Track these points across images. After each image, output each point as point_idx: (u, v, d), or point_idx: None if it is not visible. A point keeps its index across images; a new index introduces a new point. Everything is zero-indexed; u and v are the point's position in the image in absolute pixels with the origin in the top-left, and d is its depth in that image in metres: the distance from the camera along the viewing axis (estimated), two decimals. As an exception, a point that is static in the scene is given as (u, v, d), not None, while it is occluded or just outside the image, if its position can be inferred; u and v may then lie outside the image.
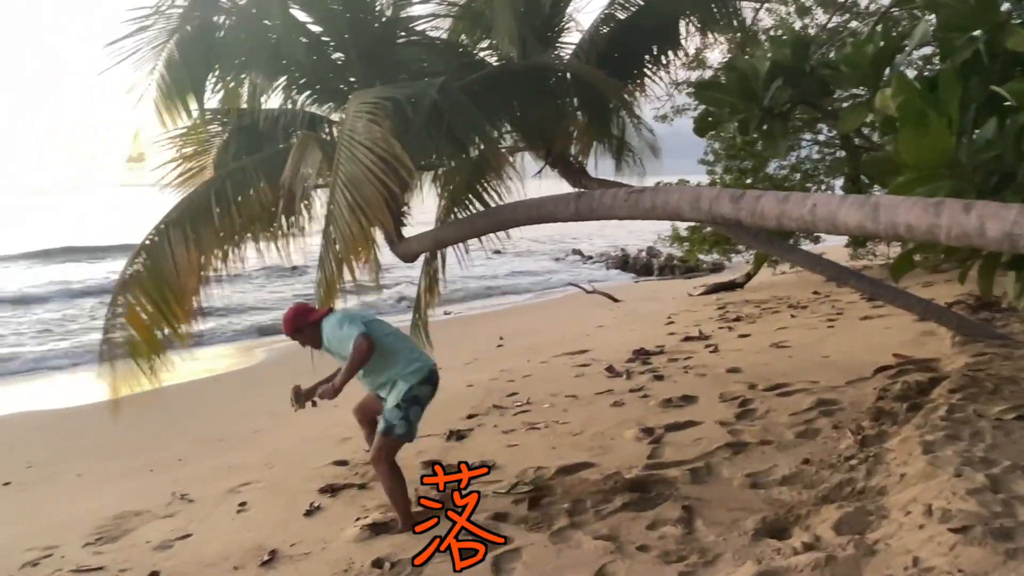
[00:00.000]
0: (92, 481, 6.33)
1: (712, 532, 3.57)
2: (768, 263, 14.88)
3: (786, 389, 6.12)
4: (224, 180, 5.46)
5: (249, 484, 5.37)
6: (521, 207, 5.37)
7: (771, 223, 3.55)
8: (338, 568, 3.68)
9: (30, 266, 27.97)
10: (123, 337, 5.30)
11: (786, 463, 4.40)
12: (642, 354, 8.47)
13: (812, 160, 13.96)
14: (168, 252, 5.20)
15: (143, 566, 4.05)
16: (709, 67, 12.75)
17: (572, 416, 6.13)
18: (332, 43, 6.08)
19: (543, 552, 3.58)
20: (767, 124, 4.77)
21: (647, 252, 25.48)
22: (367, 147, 4.29)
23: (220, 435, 7.37)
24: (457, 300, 17.58)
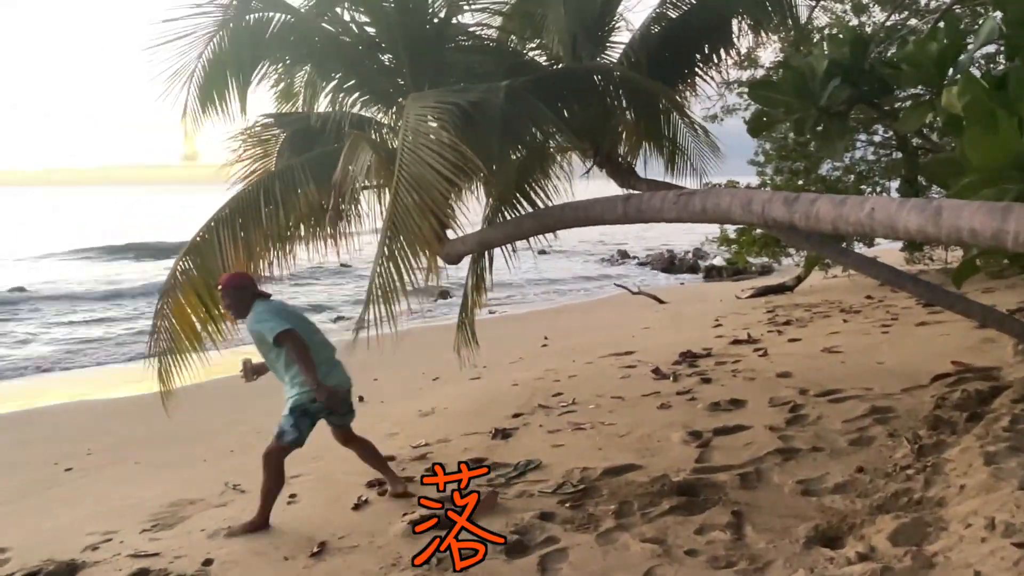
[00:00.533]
0: (149, 469, 6.53)
1: (762, 539, 3.52)
2: (819, 266, 14.58)
3: (839, 395, 5.99)
4: (273, 179, 5.58)
5: (298, 476, 5.47)
6: (568, 209, 5.35)
7: (827, 227, 3.47)
8: (386, 562, 3.73)
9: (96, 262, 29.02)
10: (170, 331, 5.46)
11: (839, 471, 4.31)
12: (689, 356, 8.37)
13: (867, 161, 13.64)
14: (217, 249, 5.33)
15: (197, 553, 4.15)
16: (761, 66, 12.55)
17: (618, 417, 6.10)
18: (383, 44, 6.16)
19: (590, 553, 3.57)
20: (823, 124, 4.66)
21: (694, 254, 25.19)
22: (434, 149, 4.33)
23: (269, 428, 7.51)
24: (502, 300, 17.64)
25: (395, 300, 4.53)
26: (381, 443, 6.13)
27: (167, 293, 5.36)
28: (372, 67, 6.10)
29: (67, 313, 18.61)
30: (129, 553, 4.28)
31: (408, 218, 4.20)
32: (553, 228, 5.70)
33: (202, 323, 5.44)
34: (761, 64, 12.61)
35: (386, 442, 6.17)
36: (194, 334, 5.37)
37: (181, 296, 5.30)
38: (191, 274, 5.26)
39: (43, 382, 11.93)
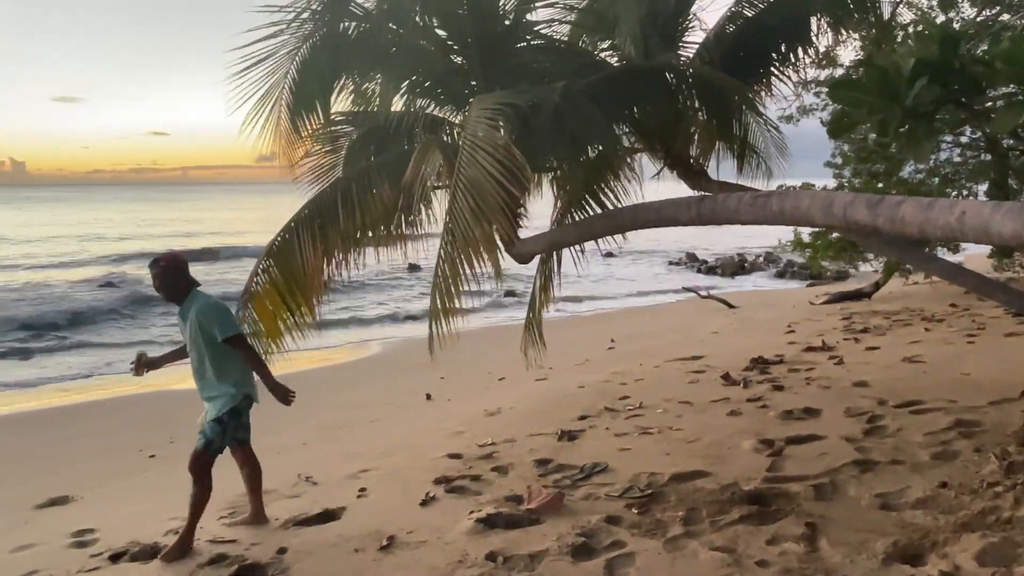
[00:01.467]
0: (225, 459, 6.74)
1: (838, 552, 3.41)
2: (899, 272, 14.02)
3: (920, 407, 5.76)
4: (350, 182, 5.71)
5: (368, 471, 5.58)
6: (640, 210, 5.29)
7: (912, 231, 3.33)
8: (452, 559, 3.77)
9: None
10: (253, 328, 5.65)
11: (920, 485, 4.14)
12: (760, 363, 8.18)
13: (953, 164, 13.03)
14: (297, 249, 5.48)
15: (271, 542, 4.29)
16: (840, 65, 12.15)
17: (686, 423, 6.01)
18: (456, 47, 6.23)
19: (657, 559, 3.53)
20: (909, 125, 4.48)
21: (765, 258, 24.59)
22: (489, 152, 4.36)
23: (341, 423, 7.71)
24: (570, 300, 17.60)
25: (455, 302, 4.56)
26: (447, 441, 6.23)
27: (249, 291, 5.55)
28: (445, 69, 6.18)
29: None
30: (208, 539, 4.45)
31: (463, 222, 4.23)
32: (624, 229, 5.65)
33: (283, 320, 5.60)
34: (840, 63, 12.22)
35: (452, 440, 6.25)
36: (275, 331, 5.54)
37: (263, 295, 5.48)
38: (272, 273, 5.44)
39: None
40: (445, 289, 4.63)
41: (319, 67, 5.54)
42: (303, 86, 5.56)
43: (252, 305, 5.50)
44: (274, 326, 5.49)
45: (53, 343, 14.94)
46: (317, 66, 5.52)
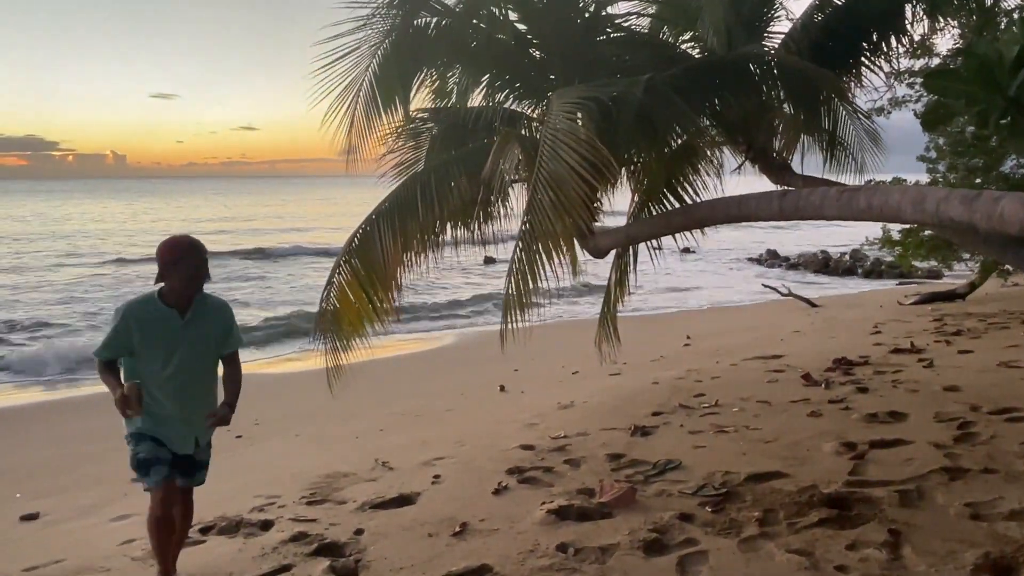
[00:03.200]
0: (308, 442, 7.03)
1: (923, 561, 3.29)
2: (997, 272, 13.28)
3: (1017, 414, 5.47)
4: (429, 174, 5.80)
5: (442, 459, 5.69)
6: (720, 204, 5.20)
7: (1013, 229, 3.16)
8: (524, 548, 3.81)
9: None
10: (334, 315, 5.82)
11: (1016, 496, 3.93)
12: (843, 363, 7.91)
13: (1059, 158, 12.24)
14: (377, 241, 5.61)
15: (349, 523, 4.43)
16: (937, 55, 11.58)
17: (763, 423, 5.88)
18: (535, 41, 6.25)
19: (731, 558, 3.48)
20: (1012, 117, 4.25)
21: (851, 256, 23.70)
22: (571, 146, 4.36)
23: (416, 410, 7.88)
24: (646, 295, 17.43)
25: (531, 295, 4.58)
26: (520, 432, 6.28)
27: (332, 281, 5.73)
28: (523, 63, 6.21)
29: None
30: (290, 517, 4.64)
31: (544, 216, 4.24)
32: (703, 224, 5.56)
33: (364, 310, 5.76)
34: (937, 52, 11.64)
35: (525, 432, 6.30)
36: (357, 319, 5.71)
37: (346, 286, 5.65)
38: (354, 263, 5.59)
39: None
40: (521, 281, 4.66)
41: (399, 62, 5.64)
42: (384, 81, 5.68)
43: (334, 296, 5.67)
44: (356, 317, 5.65)
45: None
46: (397, 61, 5.63)
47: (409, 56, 5.72)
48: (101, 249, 33.23)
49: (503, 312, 4.73)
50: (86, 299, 20.21)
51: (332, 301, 5.68)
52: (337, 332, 5.70)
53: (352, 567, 3.84)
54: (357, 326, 5.67)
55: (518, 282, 4.66)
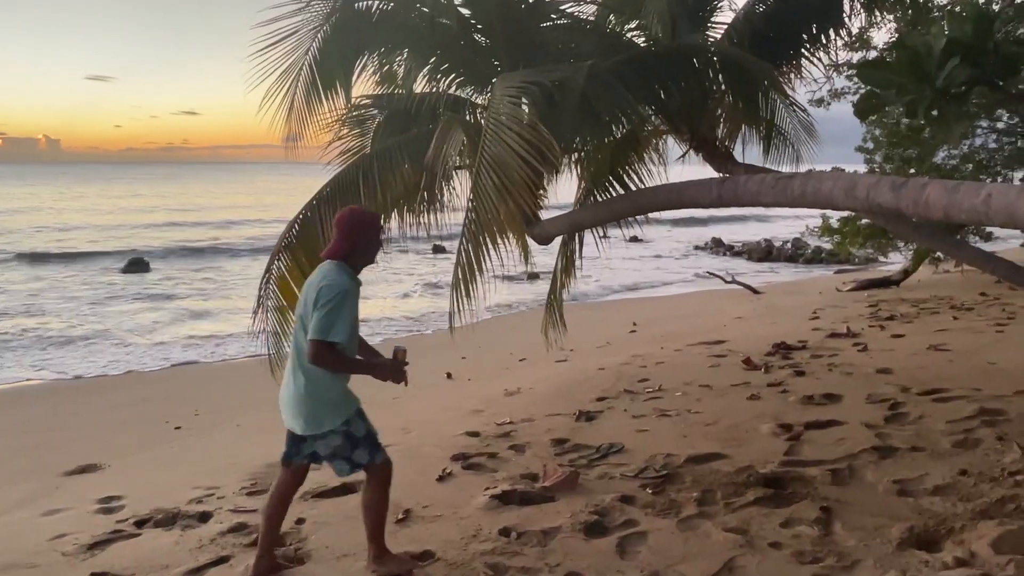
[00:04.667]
0: (249, 431, 6.90)
1: (852, 536, 3.40)
2: (929, 259, 13.78)
3: (944, 395, 5.70)
4: (372, 160, 5.72)
5: (387, 446, 5.58)
6: (662, 191, 5.26)
7: (937, 214, 3.27)
8: (467, 533, 3.81)
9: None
10: (276, 303, 5.71)
11: (940, 472, 4.10)
12: (783, 348, 8.12)
13: (988, 149, 12.75)
14: (319, 228, 5.52)
15: (291, 513, 4.34)
16: (873, 47, 11.91)
17: (705, 406, 5.99)
18: (479, 25, 6.20)
19: (670, 538, 3.54)
20: (939, 107, 4.39)
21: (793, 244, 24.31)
22: (514, 130, 4.35)
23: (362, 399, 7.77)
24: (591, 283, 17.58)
25: (477, 282, 4.57)
26: (466, 419, 6.28)
27: (271, 270, 5.61)
28: (467, 48, 6.15)
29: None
30: (229, 508, 4.56)
31: (488, 200, 4.23)
32: (646, 210, 5.62)
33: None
34: (874, 45, 11.97)
35: (471, 419, 6.30)
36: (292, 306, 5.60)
37: (286, 273, 5.53)
38: (294, 251, 5.49)
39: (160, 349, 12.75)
40: (468, 267, 4.65)
41: (341, 46, 5.54)
42: (324, 65, 5.56)
43: (274, 283, 5.56)
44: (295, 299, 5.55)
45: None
46: (339, 45, 5.52)
47: (351, 40, 5.62)
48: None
49: (451, 296, 4.71)
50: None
51: (272, 290, 5.57)
52: (278, 321, 5.60)
53: (293, 556, 3.80)
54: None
55: (465, 267, 4.64)
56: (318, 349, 3.19)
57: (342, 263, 3.37)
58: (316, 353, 3.20)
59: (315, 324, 3.18)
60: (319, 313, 3.18)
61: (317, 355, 3.21)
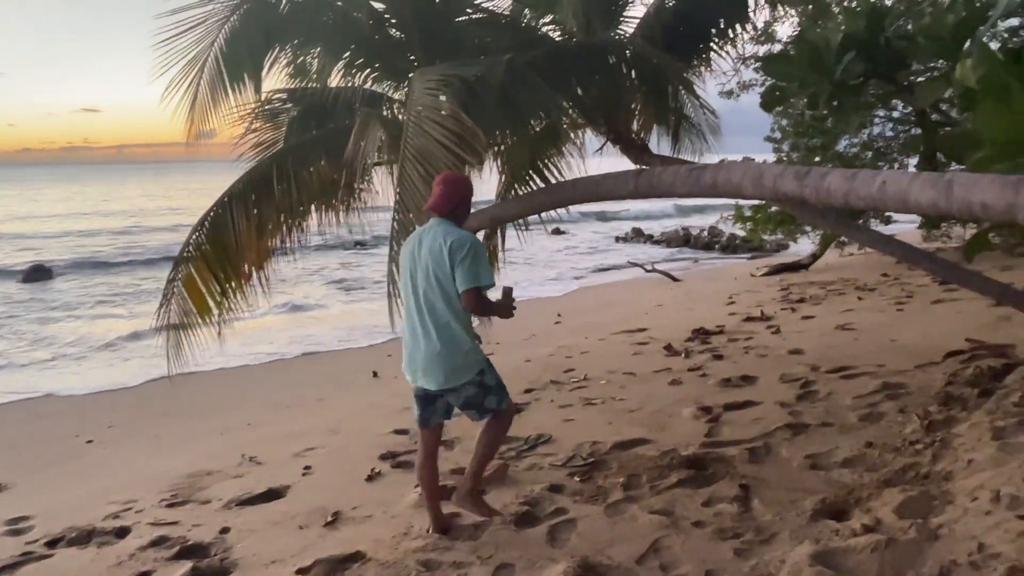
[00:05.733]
0: (168, 442, 6.66)
1: (769, 511, 3.56)
2: (835, 244, 14.46)
3: (850, 372, 6.00)
4: (285, 155, 5.60)
5: (314, 449, 5.57)
6: (580, 184, 5.36)
7: (838, 201, 3.46)
8: (398, 531, 3.80)
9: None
10: (182, 306, 5.52)
11: (848, 445, 4.33)
12: (701, 333, 8.39)
13: (885, 138, 13.46)
14: (230, 225, 5.36)
15: (215, 522, 4.26)
16: (778, 41, 12.38)
17: (629, 393, 6.14)
18: (394, 20, 6.14)
19: (598, 524, 3.62)
20: (838, 98, 4.62)
21: (709, 232, 25.05)
22: (436, 121, 4.34)
23: (287, 402, 7.65)
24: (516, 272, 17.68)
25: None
26: (394, 417, 6.24)
27: (179, 267, 5.41)
28: (382, 43, 6.09)
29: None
30: (149, 521, 4.40)
31: (414, 191, 4.22)
32: (565, 203, 5.71)
33: (215, 299, 5.49)
34: (779, 39, 12.45)
35: (399, 416, 6.26)
36: (206, 309, 5.43)
37: (194, 271, 5.35)
38: (204, 248, 5.31)
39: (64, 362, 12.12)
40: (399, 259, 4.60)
41: (249, 38, 5.39)
42: (232, 58, 5.40)
43: (182, 280, 5.37)
44: (203, 302, 5.38)
45: None
46: (247, 37, 5.38)
47: (260, 33, 5.48)
48: None
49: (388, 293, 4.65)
50: None
51: (179, 288, 5.38)
52: (188, 323, 5.41)
53: (218, 566, 3.70)
54: (206, 312, 5.40)
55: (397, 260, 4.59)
56: (476, 296, 3.36)
57: (447, 219, 3.52)
58: (475, 299, 3.37)
59: (466, 275, 3.33)
60: (464, 265, 3.33)
61: (475, 301, 3.38)
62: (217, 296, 5.43)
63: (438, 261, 3.40)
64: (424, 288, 3.48)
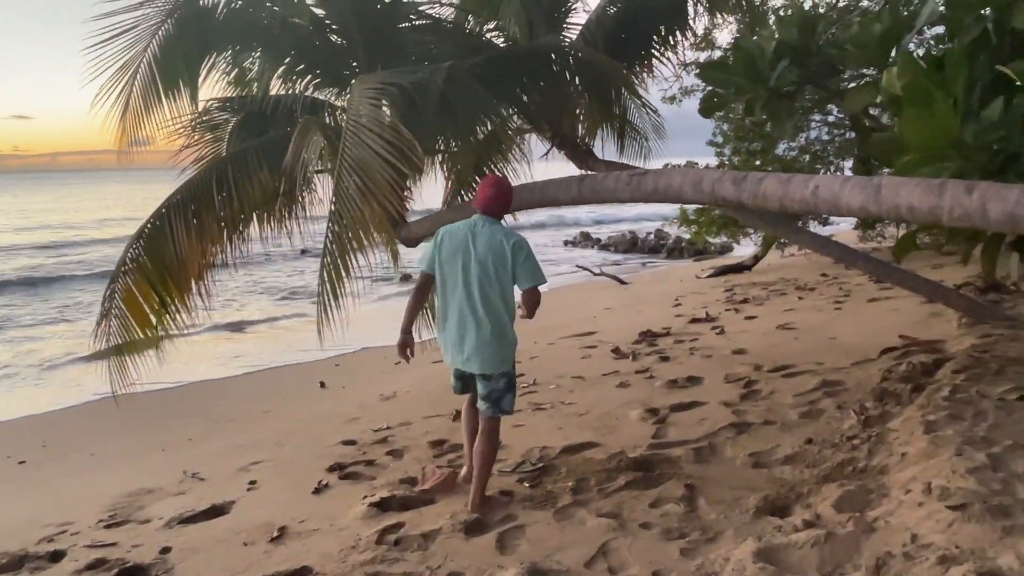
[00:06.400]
0: (105, 460, 6.43)
1: (714, 510, 3.62)
2: (776, 245, 14.84)
3: (791, 370, 6.15)
4: (225, 164, 5.49)
5: (259, 463, 5.45)
6: (525, 190, 5.37)
7: (774, 205, 3.55)
8: (346, 544, 3.74)
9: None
10: (121, 321, 5.36)
11: (789, 443, 4.44)
12: (649, 336, 8.50)
13: (822, 142, 13.89)
14: (169, 236, 5.23)
15: (155, 542, 4.12)
16: (718, 48, 12.67)
17: (578, 397, 6.18)
18: (335, 26, 6.08)
19: (547, 529, 3.63)
20: (773, 104, 4.75)
21: (655, 235, 25.43)
22: (375, 131, 4.31)
23: (230, 416, 7.47)
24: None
25: (345, 284, 4.50)
26: (342, 428, 6.16)
27: (116, 282, 5.24)
28: (323, 49, 6.03)
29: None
30: (86, 544, 4.23)
31: (351, 202, 4.18)
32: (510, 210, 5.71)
33: (155, 313, 5.34)
34: (718, 45, 12.74)
35: (347, 427, 6.18)
36: (147, 324, 5.27)
37: (132, 285, 5.19)
38: (142, 261, 5.15)
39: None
40: (334, 271, 4.56)
41: (184, 44, 5.27)
42: (166, 64, 5.28)
43: (120, 294, 5.21)
44: (144, 316, 5.22)
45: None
46: (182, 43, 5.25)
47: (196, 39, 5.36)
48: None
49: (319, 301, 4.60)
50: None
51: (117, 300, 5.21)
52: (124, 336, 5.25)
53: (160, 588, 3.59)
54: (147, 326, 5.25)
55: (331, 271, 4.55)
56: (537, 292, 3.75)
57: (497, 220, 3.86)
58: (536, 295, 3.75)
59: (529, 274, 3.72)
60: (526, 266, 3.71)
61: (536, 297, 3.75)
62: (158, 310, 5.27)
63: (499, 258, 3.69)
64: (481, 279, 3.73)
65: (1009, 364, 5.08)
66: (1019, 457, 3.45)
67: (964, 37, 3.60)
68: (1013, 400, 4.29)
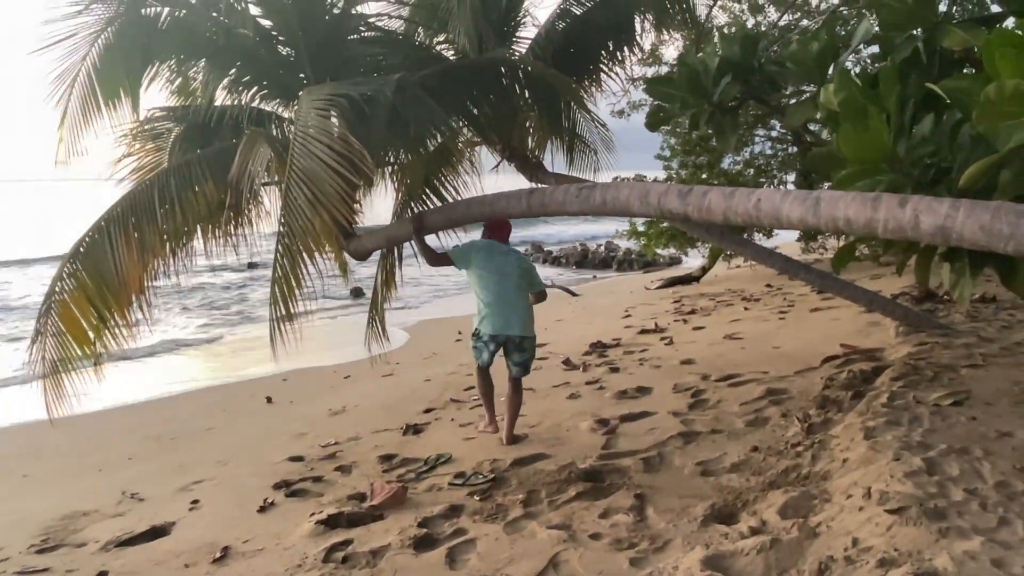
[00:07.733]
0: (39, 482, 6.17)
1: (663, 519, 3.65)
2: (723, 257, 15.14)
3: (738, 379, 6.26)
4: (168, 176, 5.35)
5: (201, 482, 5.30)
6: (474, 203, 5.37)
7: (718, 218, 3.62)
8: (292, 563, 3.66)
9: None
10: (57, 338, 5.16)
11: (735, 451, 4.51)
12: (599, 347, 8.56)
13: (765, 156, 14.26)
14: (108, 250, 5.06)
15: (91, 566, 3.97)
16: (664, 63, 12.94)
17: (528, 409, 6.15)
18: (281, 37, 6.01)
19: (497, 543, 3.61)
20: (716, 119, 4.86)
21: (606, 247, 25.70)
22: (324, 142, 4.25)
23: (172, 434, 7.25)
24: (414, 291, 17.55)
25: (295, 298, 4.42)
26: (289, 444, 6.04)
27: (51, 299, 5.04)
28: (270, 60, 5.94)
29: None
30: (16, 570, 4.05)
31: (300, 214, 4.12)
32: (460, 223, 5.71)
33: (94, 329, 5.15)
34: (665, 61, 13.01)
35: (294, 443, 6.07)
36: (85, 341, 5.08)
37: (70, 301, 4.99)
38: (80, 276, 4.97)
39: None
40: (285, 284, 4.47)
41: (125, 54, 5.14)
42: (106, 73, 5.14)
43: (56, 311, 5.02)
44: (82, 333, 5.03)
45: None
46: (123, 52, 5.12)
47: (138, 48, 5.23)
48: None
49: (270, 315, 4.50)
50: None
51: (53, 318, 5.02)
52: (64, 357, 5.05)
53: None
54: (86, 344, 5.06)
55: (281, 284, 4.46)
56: (545, 293, 5.52)
57: (507, 244, 5.40)
58: (543, 295, 5.47)
59: (538, 281, 5.38)
60: (536, 277, 5.34)
61: (543, 296, 5.47)
62: (96, 326, 5.08)
63: (523, 271, 5.24)
64: (517, 281, 5.18)
65: (943, 371, 5.27)
66: (953, 461, 3.57)
67: (896, 56, 3.74)
68: (947, 406, 4.44)
